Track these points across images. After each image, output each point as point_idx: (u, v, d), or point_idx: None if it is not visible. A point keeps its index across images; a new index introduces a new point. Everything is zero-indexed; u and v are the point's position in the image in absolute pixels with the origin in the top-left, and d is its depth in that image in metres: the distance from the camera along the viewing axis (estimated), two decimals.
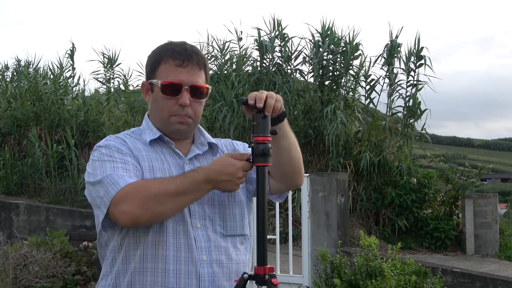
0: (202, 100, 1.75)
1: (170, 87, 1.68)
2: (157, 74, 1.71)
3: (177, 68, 1.69)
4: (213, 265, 1.64)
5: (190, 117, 1.71)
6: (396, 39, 10.12)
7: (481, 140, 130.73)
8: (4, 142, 12.27)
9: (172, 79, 1.68)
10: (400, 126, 10.08)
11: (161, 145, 1.74)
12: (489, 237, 8.69)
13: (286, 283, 5.06)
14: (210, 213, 1.69)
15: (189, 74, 1.69)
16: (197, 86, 1.71)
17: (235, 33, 11.27)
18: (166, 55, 1.70)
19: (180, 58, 1.69)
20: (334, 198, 5.93)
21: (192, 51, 1.71)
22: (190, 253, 1.62)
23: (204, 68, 1.75)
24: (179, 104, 1.68)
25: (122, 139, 1.73)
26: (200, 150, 1.78)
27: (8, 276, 5.31)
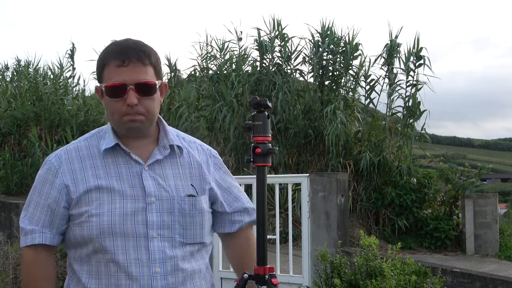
0: (152, 96, 1.66)
1: (115, 89, 1.63)
2: (103, 78, 1.67)
3: (119, 68, 1.63)
4: (167, 277, 1.62)
5: (142, 114, 1.65)
6: (395, 39, 10.13)
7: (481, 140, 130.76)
8: (4, 142, 12.27)
9: (114, 80, 1.63)
10: (400, 126, 10.08)
11: (117, 153, 1.69)
12: (489, 237, 8.69)
13: (286, 283, 5.06)
14: (170, 221, 1.65)
15: (132, 73, 1.63)
16: (143, 83, 1.63)
17: (235, 33, 11.29)
18: (108, 57, 1.66)
19: (119, 58, 1.63)
20: (334, 198, 5.92)
21: (133, 48, 1.65)
22: (141, 267, 1.60)
23: (150, 62, 1.66)
24: (127, 104, 1.62)
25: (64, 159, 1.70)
26: (161, 155, 1.71)
27: (8, 276, 5.31)
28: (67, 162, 1.69)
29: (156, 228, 1.63)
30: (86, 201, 1.64)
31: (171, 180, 1.70)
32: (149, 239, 1.61)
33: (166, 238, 1.63)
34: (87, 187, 1.64)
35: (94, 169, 1.67)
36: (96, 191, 1.64)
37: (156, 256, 1.61)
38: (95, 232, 1.61)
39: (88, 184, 1.64)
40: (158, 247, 1.62)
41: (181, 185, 1.71)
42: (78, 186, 1.65)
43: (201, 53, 11.80)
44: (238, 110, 10.43)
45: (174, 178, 1.71)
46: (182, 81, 13.13)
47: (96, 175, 1.66)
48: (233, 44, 11.46)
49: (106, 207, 1.62)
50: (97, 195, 1.63)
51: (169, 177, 1.70)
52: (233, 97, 10.44)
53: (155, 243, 1.62)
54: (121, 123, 1.66)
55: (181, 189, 1.70)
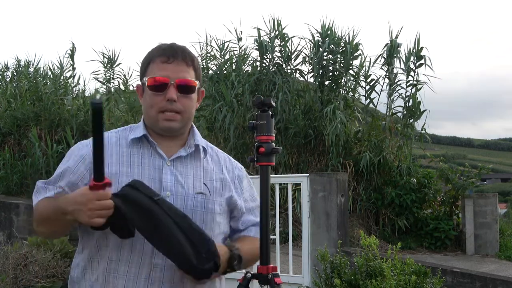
0: (190, 95, 1.73)
1: (157, 83, 1.69)
2: (146, 74, 1.74)
3: (163, 64, 1.70)
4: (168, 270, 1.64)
5: (178, 112, 1.70)
6: (396, 39, 10.12)
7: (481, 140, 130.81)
8: (4, 142, 12.27)
9: (158, 75, 1.69)
10: (400, 126, 10.08)
11: (143, 145, 1.74)
12: (489, 237, 8.69)
13: (286, 283, 5.06)
14: None
15: (175, 70, 1.69)
16: (184, 81, 1.70)
17: (235, 33, 11.29)
18: (154, 55, 1.73)
19: (165, 55, 1.70)
20: (334, 198, 5.92)
21: (178, 48, 1.73)
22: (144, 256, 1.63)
23: (193, 64, 1.74)
24: (166, 99, 1.68)
25: None
26: (185, 152, 1.76)
27: (8, 276, 5.31)
28: None
29: None
30: None
31: (190, 179, 1.73)
32: None
33: None
34: (108, 171, 1.65)
35: (119, 155, 1.71)
36: (116, 175, 1.67)
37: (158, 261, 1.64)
38: None
39: (110, 168, 1.67)
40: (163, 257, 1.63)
41: (198, 186, 1.74)
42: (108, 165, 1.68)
43: (201, 53, 11.81)
44: (238, 110, 10.43)
45: (194, 177, 1.74)
46: None
47: (119, 161, 1.70)
48: (233, 44, 11.47)
49: None
50: (116, 179, 1.65)
51: (189, 176, 1.74)
52: (233, 97, 10.44)
53: None
54: (157, 119, 1.71)
55: (198, 188, 1.73)
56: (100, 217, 1.48)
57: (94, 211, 1.47)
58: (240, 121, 10.34)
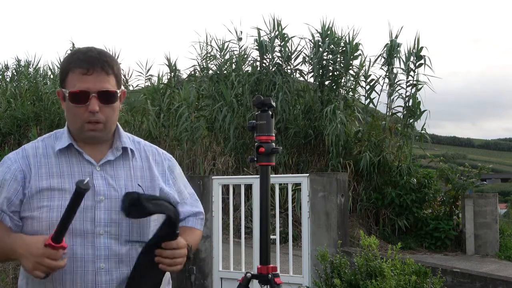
0: (113, 104, 1.75)
1: (78, 96, 1.70)
2: (66, 83, 1.74)
3: (83, 76, 1.70)
4: (111, 272, 1.67)
5: (101, 122, 1.73)
6: (396, 39, 10.13)
7: (481, 140, 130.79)
8: (4, 142, 12.28)
9: (78, 87, 1.70)
10: (400, 126, 10.08)
11: (71, 153, 1.76)
12: (489, 237, 8.69)
13: (286, 283, 5.05)
14: (117, 219, 1.70)
15: (95, 81, 1.70)
16: (105, 91, 1.71)
17: (235, 33, 11.29)
18: (72, 64, 1.73)
19: (84, 66, 1.70)
20: (334, 198, 5.92)
21: (97, 58, 1.72)
22: (87, 263, 1.66)
23: (113, 72, 1.75)
24: (89, 111, 1.70)
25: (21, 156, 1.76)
26: (113, 156, 1.79)
27: (8, 276, 5.32)
28: (24, 158, 1.76)
29: (103, 226, 1.68)
30: (38, 198, 1.70)
31: (122, 181, 1.76)
32: (96, 236, 1.67)
33: (113, 235, 1.69)
34: (39, 187, 1.70)
35: (48, 167, 1.74)
36: (48, 190, 1.70)
37: (101, 252, 1.67)
38: (44, 227, 1.66)
39: (40, 183, 1.71)
40: (104, 243, 1.68)
41: (130, 185, 1.76)
42: (31, 181, 1.71)
43: (201, 53, 11.82)
44: (238, 110, 10.43)
45: (125, 179, 1.77)
46: (182, 81, 13.13)
47: (49, 173, 1.73)
48: (233, 44, 11.47)
49: (56, 203, 1.68)
50: (48, 193, 1.70)
51: (120, 178, 1.77)
52: (233, 97, 10.44)
53: (102, 240, 1.68)
54: (81, 129, 1.74)
55: (130, 189, 1.75)
56: (42, 272, 1.56)
57: (39, 265, 1.55)
58: (240, 121, 10.34)
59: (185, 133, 10.96)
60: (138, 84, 14.90)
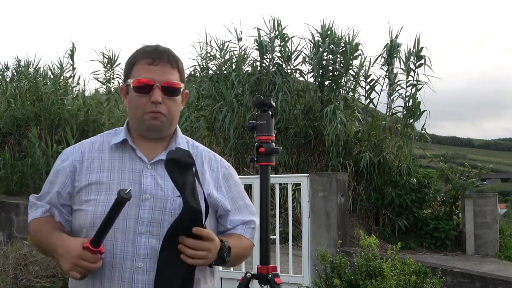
0: (175, 97, 1.74)
1: (142, 85, 1.70)
2: (131, 75, 1.74)
3: (148, 66, 1.71)
4: (149, 273, 1.64)
5: (163, 114, 1.71)
6: (396, 39, 10.13)
7: (481, 140, 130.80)
8: (4, 142, 12.28)
9: (143, 77, 1.70)
10: (400, 126, 10.08)
11: (125, 149, 1.76)
12: (489, 237, 8.69)
13: (286, 283, 5.06)
14: (160, 220, 1.67)
15: (160, 72, 1.70)
16: (169, 83, 1.71)
17: (235, 33, 11.30)
18: (138, 56, 1.74)
19: (150, 57, 1.71)
20: (334, 198, 5.92)
21: (164, 50, 1.74)
22: (125, 260, 1.65)
23: (178, 67, 1.75)
24: (151, 101, 1.69)
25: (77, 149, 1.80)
26: (165, 156, 1.72)
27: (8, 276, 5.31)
28: (79, 152, 1.79)
29: (145, 225, 1.66)
30: (86, 192, 1.71)
31: (170, 182, 1.71)
32: (137, 234, 1.65)
33: (154, 235, 1.65)
34: (88, 180, 1.72)
35: (101, 161, 1.75)
36: (96, 184, 1.71)
37: (141, 251, 1.64)
38: (88, 220, 1.67)
39: (90, 176, 1.72)
40: (145, 243, 1.65)
41: None
42: (82, 174, 1.74)
43: (201, 53, 11.82)
44: (238, 110, 10.43)
45: None
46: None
47: (100, 167, 1.74)
48: (233, 44, 11.49)
49: (103, 198, 1.67)
50: (96, 187, 1.70)
51: (169, 178, 1.71)
52: (233, 97, 10.44)
53: (143, 239, 1.65)
54: (143, 119, 1.72)
55: (176, 191, 1.71)
56: (78, 273, 1.58)
57: (75, 266, 1.57)
58: (240, 121, 10.34)
59: (185, 133, 10.94)
60: None
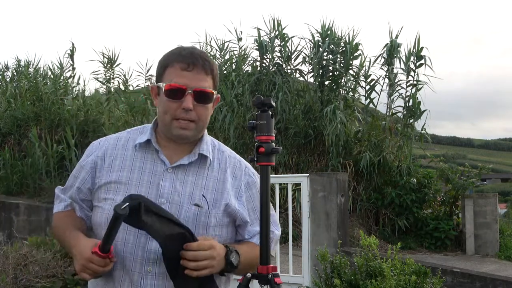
0: (207, 105, 1.70)
1: (174, 90, 1.66)
2: (163, 77, 1.70)
3: (182, 71, 1.67)
4: (158, 278, 1.63)
5: (193, 121, 1.68)
6: (396, 39, 10.13)
7: (481, 140, 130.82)
8: (4, 142, 12.27)
9: (176, 82, 1.66)
10: (400, 126, 10.08)
11: (148, 149, 1.74)
12: (489, 237, 8.69)
13: (286, 283, 5.06)
14: None
15: (193, 78, 1.67)
16: (202, 90, 1.68)
17: (235, 33, 11.30)
18: (173, 59, 1.70)
19: (185, 62, 1.67)
20: (334, 198, 5.93)
21: (199, 55, 1.69)
22: (135, 263, 1.64)
23: (212, 73, 1.71)
24: (182, 107, 1.66)
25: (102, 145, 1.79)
26: (187, 160, 1.73)
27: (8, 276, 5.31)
28: (102, 148, 1.78)
29: None
30: (105, 190, 1.71)
31: (189, 187, 1.70)
32: (148, 238, 1.62)
33: None
34: (108, 178, 1.72)
35: (122, 159, 1.74)
36: (115, 183, 1.71)
37: (151, 255, 1.63)
38: (104, 219, 1.67)
39: (111, 174, 1.72)
40: (155, 247, 1.62)
41: (197, 194, 1.70)
42: (102, 171, 1.74)
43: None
44: (238, 110, 10.43)
45: (194, 186, 1.71)
46: None
47: (121, 166, 1.73)
48: (233, 44, 11.48)
49: (120, 198, 1.64)
50: (115, 186, 1.70)
51: (188, 184, 1.71)
52: (233, 97, 10.44)
53: (153, 243, 1.62)
54: (171, 126, 1.69)
55: (196, 197, 1.70)
56: (88, 274, 1.60)
57: (85, 269, 1.59)
58: (240, 121, 10.34)
59: None
60: (138, 84, 14.88)
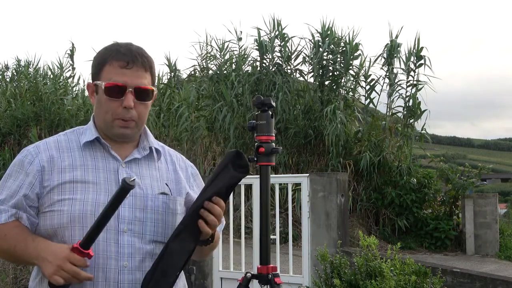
0: (147, 102, 1.69)
1: (114, 89, 1.64)
2: (101, 75, 1.67)
3: (121, 69, 1.65)
4: (135, 272, 1.61)
5: (134, 120, 1.67)
6: (396, 39, 10.13)
7: (481, 140, 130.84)
8: (4, 142, 12.28)
9: (116, 80, 1.64)
10: (400, 126, 10.08)
11: (95, 148, 1.70)
12: (489, 237, 8.69)
13: (286, 283, 5.05)
14: (142, 217, 1.64)
15: (133, 76, 1.65)
16: (142, 88, 1.66)
17: (235, 33, 11.30)
18: (111, 56, 1.66)
19: (124, 59, 1.65)
20: (334, 198, 5.92)
21: (137, 52, 1.68)
22: (110, 260, 1.59)
23: (150, 69, 1.70)
24: (123, 106, 1.64)
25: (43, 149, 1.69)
26: (140, 154, 1.73)
27: (8, 276, 5.32)
28: (46, 150, 1.69)
29: (127, 223, 1.62)
30: (59, 191, 1.63)
31: (147, 179, 1.71)
32: (119, 233, 1.61)
33: (136, 233, 1.63)
34: (61, 179, 1.63)
35: (72, 159, 1.67)
36: (70, 183, 1.63)
37: (125, 250, 1.61)
38: (65, 220, 1.59)
39: (63, 175, 1.64)
40: (128, 241, 1.61)
41: (156, 185, 1.71)
42: (53, 174, 1.64)
43: (201, 53, 11.82)
44: (238, 110, 10.43)
45: (151, 178, 1.71)
46: (182, 81, 13.14)
47: (72, 166, 1.66)
48: (233, 44, 11.48)
49: (79, 196, 1.61)
50: (70, 186, 1.63)
51: (145, 177, 1.71)
52: (233, 97, 10.44)
53: (125, 237, 1.61)
54: (112, 125, 1.67)
55: (156, 188, 1.71)
56: (62, 278, 1.49)
57: (60, 270, 1.49)
58: (240, 121, 10.34)
59: (185, 133, 10.97)
60: None
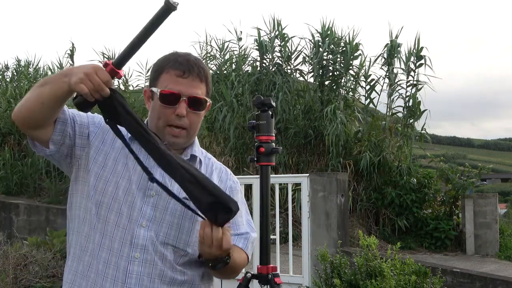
0: (200, 112, 1.75)
1: (169, 97, 1.70)
2: (158, 82, 1.73)
3: (177, 78, 1.71)
4: (144, 265, 1.66)
5: (185, 128, 1.72)
6: (396, 39, 10.13)
7: (480, 140, 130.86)
8: (4, 142, 12.28)
9: (171, 88, 1.70)
10: (400, 126, 10.08)
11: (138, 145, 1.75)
12: (489, 237, 8.69)
13: (286, 283, 5.06)
14: (160, 218, 1.69)
15: (188, 85, 1.71)
16: (196, 97, 1.72)
17: (235, 33, 11.30)
18: (168, 65, 1.73)
19: (181, 69, 1.71)
20: (334, 198, 5.93)
21: (194, 63, 1.73)
22: (124, 247, 1.65)
23: (206, 81, 1.76)
24: (176, 114, 1.70)
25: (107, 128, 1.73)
26: None
27: (8, 276, 5.32)
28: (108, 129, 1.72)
29: (147, 219, 1.67)
30: (100, 167, 1.71)
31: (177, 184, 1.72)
32: (138, 225, 1.66)
33: (152, 231, 1.68)
34: (105, 161, 1.71)
35: (111, 147, 1.74)
36: (114, 161, 1.72)
37: (139, 241, 1.66)
38: (97, 197, 1.68)
39: (109, 156, 1.72)
40: (144, 235, 1.66)
41: None
42: (105, 145, 1.73)
43: (200, 53, 11.81)
44: (238, 110, 10.43)
45: None
46: None
47: (120, 149, 1.72)
48: (233, 44, 11.48)
49: (115, 179, 1.69)
50: (112, 164, 1.71)
51: None
52: (233, 97, 10.44)
53: (142, 231, 1.66)
54: (164, 132, 1.72)
55: (183, 193, 1.70)
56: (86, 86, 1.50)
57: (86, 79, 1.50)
58: (240, 121, 10.34)
59: None
60: (138, 84, 14.89)
